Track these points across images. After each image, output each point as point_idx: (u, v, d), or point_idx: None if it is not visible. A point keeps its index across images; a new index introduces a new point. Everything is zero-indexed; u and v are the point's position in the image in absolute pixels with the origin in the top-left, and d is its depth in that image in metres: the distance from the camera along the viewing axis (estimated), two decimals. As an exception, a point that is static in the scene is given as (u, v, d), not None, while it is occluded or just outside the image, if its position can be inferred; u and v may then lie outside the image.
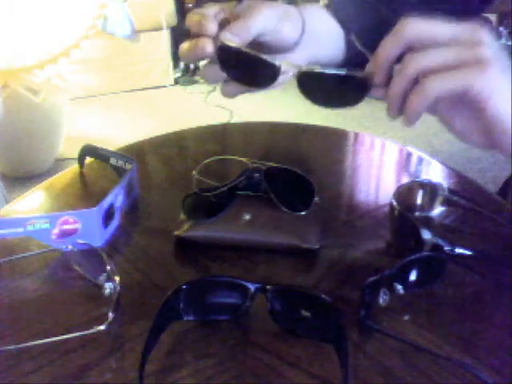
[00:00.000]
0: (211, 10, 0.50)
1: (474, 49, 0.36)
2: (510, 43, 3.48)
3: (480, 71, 0.36)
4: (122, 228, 0.55)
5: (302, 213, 0.53)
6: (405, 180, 0.66)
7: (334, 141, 0.80)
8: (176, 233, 0.51)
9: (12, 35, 1.97)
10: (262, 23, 0.49)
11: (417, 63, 0.37)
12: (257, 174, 0.53)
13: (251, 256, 0.50)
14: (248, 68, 0.47)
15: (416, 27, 0.38)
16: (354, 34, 0.52)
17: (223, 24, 0.48)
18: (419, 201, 0.57)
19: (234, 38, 0.46)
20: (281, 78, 0.46)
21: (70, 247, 0.48)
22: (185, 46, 0.48)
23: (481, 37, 0.37)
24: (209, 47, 0.46)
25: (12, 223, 0.48)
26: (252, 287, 0.40)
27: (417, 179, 0.63)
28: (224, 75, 0.49)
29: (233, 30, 0.46)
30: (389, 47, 0.39)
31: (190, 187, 0.54)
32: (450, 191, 0.56)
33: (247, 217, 0.52)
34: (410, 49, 0.38)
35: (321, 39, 0.57)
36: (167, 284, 0.46)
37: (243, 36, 0.47)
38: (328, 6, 0.62)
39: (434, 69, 0.37)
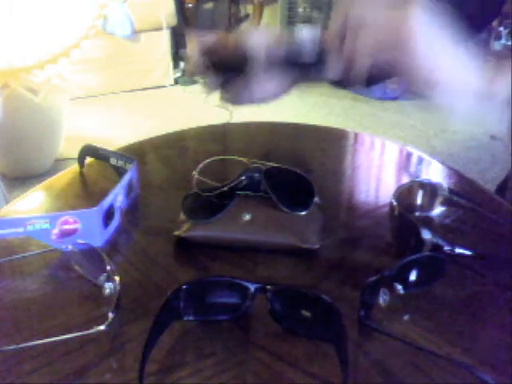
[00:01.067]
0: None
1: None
2: (509, 43, 3.48)
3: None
4: (122, 228, 0.55)
5: (302, 213, 0.53)
6: (405, 180, 0.66)
7: (334, 141, 0.80)
8: (176, 233, 0.51)
9: (12, 35, 1.97)
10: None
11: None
12: (257, 174, 0.53)
13: (251, 256, 0.50)
14: None
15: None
16: None
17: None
18: (419, 201, 0.57)
19: None
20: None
21: (70, 247, 0.48)
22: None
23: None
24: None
25: (12, 223, 0.48)
26: (252, 287, 0.40)
27: (417, 179, 0.63)
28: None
29: None
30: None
31: (190, 187, 0.54)
32: (450, 191, 0.56)
33: (247, 217, 0.52)
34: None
35: None
36: (167, 284, 0.46)
37: None
38: None
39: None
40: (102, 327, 0.38)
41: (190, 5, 3.28)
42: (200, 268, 0.49)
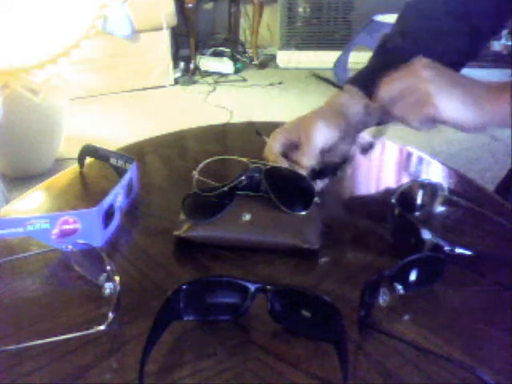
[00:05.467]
0: (278, 143, 0.60)
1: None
2: (509, 43, 3.47)
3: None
4: (121, 228, 0.55)
5: (302, 213, 0.53)
6: (405, 180, 0.66)
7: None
8: (176, 233, 0.51)
9: (12, 35, 1.97)
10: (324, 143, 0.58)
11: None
12: (257, 174, 0.53)
13: (251, 256, 0.50)
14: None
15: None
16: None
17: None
18: (419, 201, 0.57)
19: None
20: None
21: (69, 247, 0.48)
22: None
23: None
24: None
25: (12, 223, 0.48)
26: (252, 287, 0.40)
27: (417, 179, 0.63)
28: None
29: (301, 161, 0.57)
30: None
31: (190, 187, 0.54)
32: (450, 191, 0.56)
33: (247, 217, 0.52)
34: None
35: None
36: (167, 284, 0.46)
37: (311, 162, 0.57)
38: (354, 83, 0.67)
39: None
40: (102, 327, 0.38)
41: (190, 5, 3.28)
42: (200, 268, 0.49)
